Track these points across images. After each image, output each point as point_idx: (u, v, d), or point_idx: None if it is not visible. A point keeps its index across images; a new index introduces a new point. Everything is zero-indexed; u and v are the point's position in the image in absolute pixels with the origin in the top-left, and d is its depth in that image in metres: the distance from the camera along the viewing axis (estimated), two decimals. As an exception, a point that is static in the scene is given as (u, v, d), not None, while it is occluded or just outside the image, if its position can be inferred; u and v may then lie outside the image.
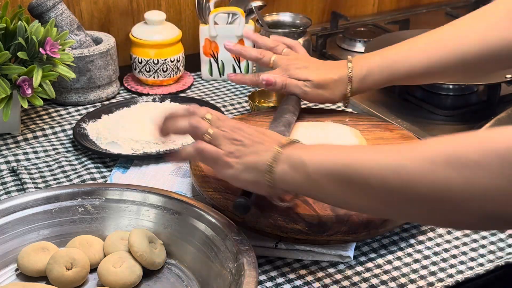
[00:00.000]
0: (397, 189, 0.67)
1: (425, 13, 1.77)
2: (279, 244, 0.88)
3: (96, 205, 0.90)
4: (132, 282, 0.82)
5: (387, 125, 1.08)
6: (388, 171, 0.67)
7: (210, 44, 1.34)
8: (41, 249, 0.84)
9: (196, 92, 1.34)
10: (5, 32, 1.09)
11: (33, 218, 0.88)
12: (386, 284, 0.85)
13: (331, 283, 0.85)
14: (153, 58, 1.30)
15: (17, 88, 1.07)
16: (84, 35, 1.28)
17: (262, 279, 0.85)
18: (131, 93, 1.33)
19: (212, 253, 0.83)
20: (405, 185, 0.66)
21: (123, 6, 1.42)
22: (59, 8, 1.23)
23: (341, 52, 1.50)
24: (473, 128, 1.15)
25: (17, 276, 0.84)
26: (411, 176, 0.65)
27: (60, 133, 1.18)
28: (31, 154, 1.11)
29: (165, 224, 0.88)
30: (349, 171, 0.71)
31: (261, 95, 1.24)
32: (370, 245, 0.91)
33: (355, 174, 0.70)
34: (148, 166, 1.07)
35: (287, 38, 1.15)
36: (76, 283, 0.82)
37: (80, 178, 1.05)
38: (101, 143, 1.10)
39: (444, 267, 0.88)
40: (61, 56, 1.11)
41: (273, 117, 1.03)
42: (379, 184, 0.68)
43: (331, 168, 0.72)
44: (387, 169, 0.67)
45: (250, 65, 1.37)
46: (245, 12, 1.32)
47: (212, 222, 0.84)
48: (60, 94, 1.26)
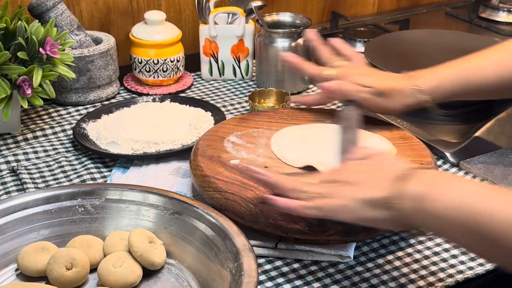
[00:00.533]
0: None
1: (425, 13, 1.77)
2: (279, 244, 0.88)
3: (96, 205, 0.90)
4: (132, 282, 0.82)
5: (387, 125, 1.08)
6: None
7: (210, 44, 1.35)
8: (41, 249, 0.84)
9: (196, 92, 1.34)
10: (5, 32, 1.09)
11: (33, 218, 0.88)
12: (386, 284, 0.85)
13: (331, 283, 0.85)
14: (153, 58, 1.30)
15: (17, 88, 1.07)
16: (84, 35, 1.28)
17: (262, 279, 0.85)
18: (131, 93, 1.33)
19: (212, 253, 0.83)
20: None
21: (123, 6, 1.42)
22: (59, 8, 1.23)
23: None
24: (473, 128, 1.15)
25: (17, 276, 0.84)
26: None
27: (60, 133, 1.18)
28: (31, 154, 1.11)
29: (165, 224, 0.88)
30: (476, 223, 0.67)
31: (261, 95, 1.24)
32: (370, 245, 0.91)
33: (481, 226, 0.67)
34: (148, 166, 1.07)
35: (346, 47, 1.09)
36: (76, 283, 0.82)
37: (80, 178, 1.05)
38: (101, 143, 1.10)
39: (444, 267, 0.88)
40: (61, 56, 1.11)
41: (341, 133, 0.98)
42: (508, 239, 0.65)
43: (456, 211, 0.69)
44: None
45: (250, 65, 1.37)
46: (245, 12, 1.32)
47: (212, 222, 0.84)
48: (60, 94, 1.26)
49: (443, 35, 1.44)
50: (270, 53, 1.30)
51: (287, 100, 1.20)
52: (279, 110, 1.11)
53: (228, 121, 1.08)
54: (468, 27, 1.67)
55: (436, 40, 1.41)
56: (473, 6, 1.68)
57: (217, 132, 1.04)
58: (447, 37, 1.43)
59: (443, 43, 1.39)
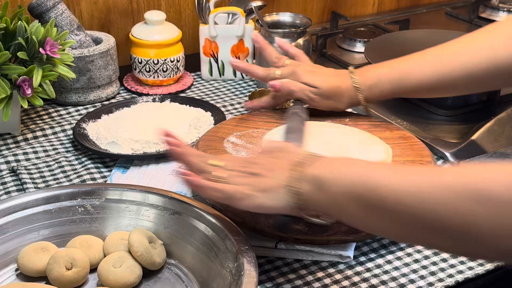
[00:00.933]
0: (414, 213, 0.65)
1: (425, 13, 1.77)
2: (279, 244, 0.88)
3: (96, 205, 0.90)
4: (132, 282, 0.82)
5: (387, 125, 1.08)
6: (406, 194, 0.65)
7: (210, 44, 1.35)
8: (41, 249, 0.84)
9: (196, 92, 1.34)
10: (5, 32, 1.09)
11: (33, 218, 0.88)
12: (386, 284, 0.85)
13: (331, 283, 0.85)
14: (153, 58, 1.30)
15: (17, 88, 1.07)
16: (84, 35, 1.28)
17: (262, 279, 0.85)
18: (131, 93, 1.33)
19: (212, 253, 0.83)
20: (426, 211, 0.63)
21: (123, 6, 1.42)
22: (59, 8, 1.23)
23: (341, 52, 1.50)
24: (473, 128, 1.15)
25: (17, 276, 0.84)
26: (432, 204, 0.63)
27: (60, 133, 1.18)
28: (31, 154, 1.11)
29: (165, 224, 0.88)
30: (367, 191, 0.68)
31: (261, 95, 1.24)
32: (370, 245, 0.91)
33: (372, 194, 0.68)
34: (148, 166, 1.07)
35: (291, 47, 1.14)
36: (76, 283, 0.82)
37: (80, 178, 1.05)
38: (101, 143, 1.10)
39: (444, 267, 0.88)
40: (61, 56, 1.11)
41: (285, 127, 1.01)
42: (397, 207, 0.66)
43: (349, 186, 0.70)
44: (405, 191, 0.65)
45: (250, 65, 1.37)
46: (245, 12, 1.32)
47: (212, 222, 0.84)
48: (60, 94, 1.26)
49: (443, 35, 1.44)
50: (270, 53, 1.30)
51: (286, 100, 1.20)
52: (279, 110, 1.11)
53: (227, 122, 1.08)
54: (468, 27, 1.67)
55: (436, 40, 1.40)
56: (473, 6, 1.68)
57: (216, 133, 1.04)
58: (447, 37, 1.41)
59: (443, 43, 1.39)
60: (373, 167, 0.73)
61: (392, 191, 0.66)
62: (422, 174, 0.68)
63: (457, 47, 1.00)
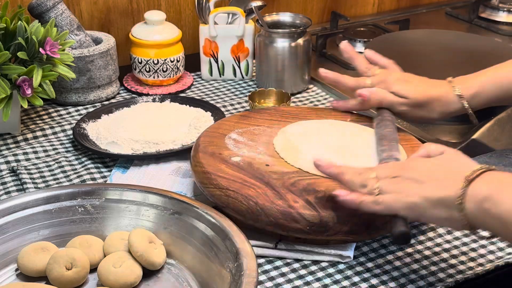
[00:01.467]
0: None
1: (425, 13, 1.77)
2: (279, 244, 0.88)
3: (96, 205, 0.90)
4: (132, 282, 0.82)
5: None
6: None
7: (210, 44, 1.34)
8: (41, 249, 0.84)
9: (196, 92, 1.34)
10: (5, 32, 1.09)
11: (33, 218, 0.88)
12: (386, 284, 0.85)
13: (331, 283, 0.85)
14: (153, 58, 1.30)
15: (17, 88, 1.07)
16: (84, 35, 1.28)
17: (262, 279, 0.85)
18: (131, 93, 1.33)
19: (212, 253, 0.83)
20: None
21: (123, 6, 1.42)
22: (59, 8, 1.23)
23: (341, 52, 1.50)
24: (473, 128, 1.15)
25: (17, 276, 0.84)
26: None
27: (60, 133, 1.18)
28: (31, 154, 1.11)
29: (165, 224, 0.88)
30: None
31: (261, 95, 1.24)
32: (370, 245, 0.91)
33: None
34: (148, 166, 1.07)
35: (381, 57, 1.10)
36: (76, 283, 0.82)
37: (80, 178, 1.05)
38: (101, 143, 1.10)
39: (444, 267, 0.88)
40: (61, 56, 1.11)
41: (377, 135, 0.99)
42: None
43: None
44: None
45: (250, 65, 1.37)
46: (245, 12, 1.32)
47: (212, 222, 0.84)
48: (60, 94, 1.26)
49: (443, 35, 1.44)
50: (270, 53, 1.30)
51: (287, 100, 1.20)
52: (280, 108, 1.11)
53: (229, 118, 1.08)
54: (468, 27, 1.67)
55: (436, 40, 1.41)
56: (473, 6, 1.68)
57: (218, 129, 1.04)
58: (447, 37, 1.43)
59: (443, 43, 1.39)
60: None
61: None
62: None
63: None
